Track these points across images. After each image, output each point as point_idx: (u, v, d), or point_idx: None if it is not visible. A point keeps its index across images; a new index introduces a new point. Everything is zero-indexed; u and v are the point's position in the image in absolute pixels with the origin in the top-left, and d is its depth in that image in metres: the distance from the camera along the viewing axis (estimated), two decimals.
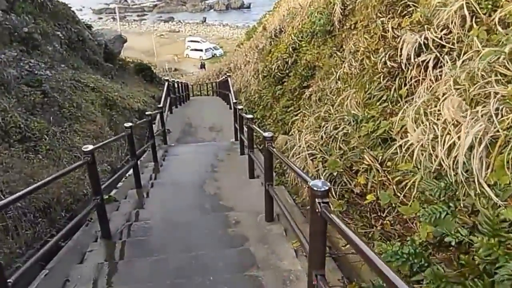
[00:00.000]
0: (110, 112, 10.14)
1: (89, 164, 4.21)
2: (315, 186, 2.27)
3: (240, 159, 8.18)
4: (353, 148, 4.70)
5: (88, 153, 4.14)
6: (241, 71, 17.10)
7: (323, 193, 2.24)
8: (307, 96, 7.61)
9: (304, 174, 2.74)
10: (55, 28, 12.38)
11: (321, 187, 2.25)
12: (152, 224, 4.89)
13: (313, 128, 5.74)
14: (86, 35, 14.38)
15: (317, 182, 2.30)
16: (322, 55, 8.35)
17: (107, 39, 16.25)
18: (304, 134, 5.70)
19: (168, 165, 8.26)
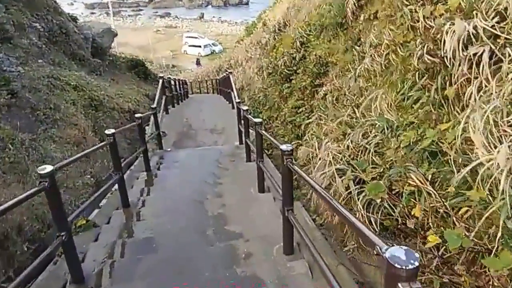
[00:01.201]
0: (95, 113, 9.17)
1: (47, 190, 3.29)
2: (395, 261, 1.37)
3: (246, 168, 7.29)
4: (390, 163, 3.83)
5: (45, 176, 3.23)
6: (243, 68, 16.20)
7: (411, 273, 1.35)
8: (321, 95, 6.74)
9: (372, 234, 1.73)
10: (32, 19, 11.28)
11: (406, 262, 1.36)
12: (142, 260, 3.97)
13: (336, 135, 4.86)
14: (70, 27, 13.32)
15: (396, 251, 1.41)
16: (335, 50, 7.47)
17: (95, 32, 15.23)
18: (325, 142, 4.81)
19: (163, 176, 7.34)
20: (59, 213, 3.53)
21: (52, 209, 3.51)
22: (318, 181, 4.21)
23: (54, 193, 3.43)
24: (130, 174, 7.49)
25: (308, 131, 6.41)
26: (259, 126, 5.55)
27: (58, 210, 3.52)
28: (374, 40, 5.60)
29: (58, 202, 3.51)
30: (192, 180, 6.86)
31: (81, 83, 9.80)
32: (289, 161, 3.47)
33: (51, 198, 3.43)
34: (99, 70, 14.32)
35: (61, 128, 7.78)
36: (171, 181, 7.01)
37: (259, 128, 5.54)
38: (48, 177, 3.28)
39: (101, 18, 63.04)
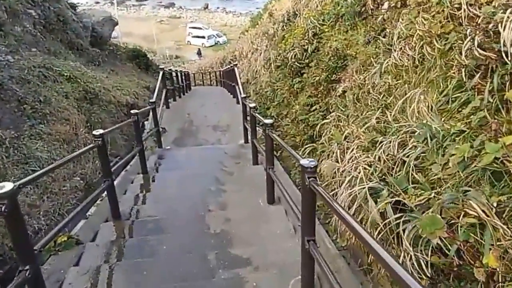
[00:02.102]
0: (90, 107, 8.44)
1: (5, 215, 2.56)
2: None
3: (253, 172, 6.55)
4: (438, 183, 3.07)
5: (3, 197, 2.48)
6: (248, 60, 15.38)
7: None
8: (340, 93, 5.95)
9: None
10: (28, 6, 10.55)
11: None
12: None
13: (363, 142, 4.09)
14: (68, 15, 12.57)
15: None
16: (353, 42, 6.68)
17: (94, 21, 14.46)
18: (350, 151, 4.05)
19: (161, 180, 6.59)
20: (22, 242, 2.80)
21: (13, 237, 2.78)
22: (343, 202, 3.46)
23: (15, 218, 2.69)
24: (125, 176, 6.78)
25: (324, 133, 5.64)
26: (269, 129, 4.80)
27: (20, 239, 2.79)
28: (404, 31, 4.81)
29: (21, 229, 2.77)
30: (193, 187, 6.11)
31: (76, 74, 9.05)
32: (312, 181, 2.72)
33: (11, 224, 2.69)
34: (98, 60, 13.59)
35: (50, 124, 7.09)
36: (169, 187, 6.27)
37: (269, 131, 4.78)
38: (8, 198, 2.54)
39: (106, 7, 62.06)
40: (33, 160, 5.96)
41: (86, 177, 6.67)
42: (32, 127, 6.68)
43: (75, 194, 6.20)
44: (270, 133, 4.75)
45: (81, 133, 7.56)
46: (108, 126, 8.63)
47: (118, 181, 6.45)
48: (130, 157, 6.89)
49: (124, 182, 6.49)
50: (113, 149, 8.28)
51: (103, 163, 4.89)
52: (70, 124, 7.51)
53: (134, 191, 6.10)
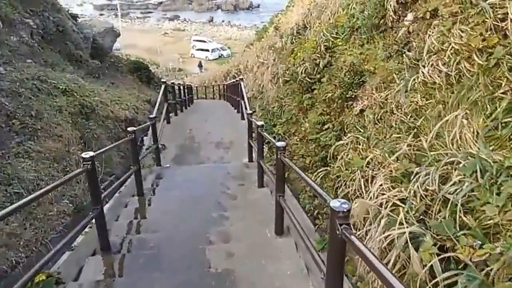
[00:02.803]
0: (86, 122, 7.87)
1: None
2: None
3: (259, 196, 5.98)
4: (495, 228, 2.49)
5: None
6: (253, 74, 14.86)
7: None
8: (357, 111, 5.39)
9: None
10: (25, 15, 10.09)
11: None
12: None
13: (392, 172, 3.50)
14: (68, 25, 12.12)
15: None
16: (371, 56, 6.14)
17: (96, 32, 14.02)
18: (377, 182, 3.47)
19: (157, 205, 6.01)
20: None
21: None
22: (374, 249, 2.87)
23: None
24: (118, 199, 6.20)
25: (340, 156, 5.06)
26: (281, 152, 4.22)
27: None
28: (435, 44, 4.26)
29: None
30: (193, 213, 5.53)
31: (72, 87, 8.50)
32: (345, 228, 2.14)
33: None
34: (98, 73, 13.08)
35: (40, 140, 6.54)
36: (167, 212, 5.67)
37: (281, 154, 4.21)
38: None
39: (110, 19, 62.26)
40: (17, 181, 5.39)
41: (75, 200, 6.09)
42: (20, 144, 6.14)
43: (62, 220, 5.61)
44: (282, 158, 4.17)
45: (74, 150, 7.00)
46: (105, 142, 8.11)
47: (110, 205, 5.92)
48: (125, 177, 6.30)
49: (117, 206, 5.92)
50: (108, 167, 7.73)
51: (92, 189, 4.33)
52: (63, 141, 6.96)
53: (128, 217, 5.51)
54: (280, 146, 4.25)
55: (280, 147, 4.24)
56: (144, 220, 5.43)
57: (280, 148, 4.23)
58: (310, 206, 5.40)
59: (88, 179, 4.31)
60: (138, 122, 10.20)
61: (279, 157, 4.20)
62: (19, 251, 4.44)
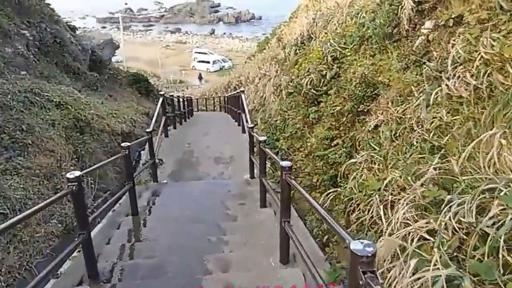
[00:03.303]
0: (80, 136, 7.44)
1: None
2: None
3: (261, 218, 5.50)
4: None
5: None
6: (255, 86, 14.44)
7: None
8: (371, 127, 4.92)
9: None
10: (22, 26, 9.81)
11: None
12: None
13: (416, 199, 3.02)
14: (67, 37, 11.81)
15: None
16: (384, 67, 5.71)
17: (94, 43, 13.68)
18: (401, 211, 2.99)
19: (152, 225, 5.54)
20: None
21: None
22: None
23: None
24: (111, 219, 5.73)
25: (352, 176, 4.59)
26: (286, 173, 3.75)
27: None
28: (462, 54, 3.81)
29: None
30: (190, 235, 5.06)
31: (67, 99, 8.10)
32: (369, 277, 1.67)
33: None
34: (96, 85, 12.72)
35: (31, 156, 6.15)
36: (162, 235, 5.18)
37: (287, 176, 3.73)
38: None
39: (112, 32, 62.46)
40: (2, 200, 4.93)
41: (65, 219, 5.61)
42: (9, 160, 5.73)
43: (50, 242, 5.14)
44: (287, 179, 3.70)
45: (66, 166, 6.55)
46: (100, 157, 7.69)
47: (103, 225, 5.44)
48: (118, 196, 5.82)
49: (109, 227, 5.45)
50: (103, 182, 7.29)
51: (78, 212, 3.87)
52: (55, 156, 6.53)
53: (120, 240, 5.03)
54: (285, 166, 3.78)
55: (285, 167, 3.78)
56: (138, 244, 4.94)
57: (285, 168, 3.77)
58: (318, 230, 4.92)
59: (73, 201, 3.86)
60: (136, 136, 9.78)
61: (285, 178, 3.73)
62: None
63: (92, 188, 6.59)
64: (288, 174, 3.72)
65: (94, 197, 6.65)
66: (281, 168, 3.82)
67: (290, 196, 3.91)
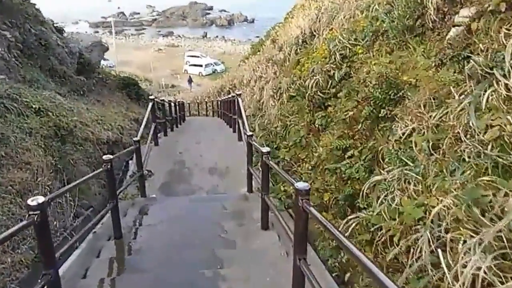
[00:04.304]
0: (61, 146, 6.63)
1: None
2: None
3: (264, 244, 4.66)
4: None
5: None
6: (250, 89, 13.56)
7: None
8: (398, 136, 4.06)
9: None
10: (3, 27, 9.04)
11: None
12: None
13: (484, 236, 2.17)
14: (53, 39, 11.01)
15: None
16: (408, 65, 4.88)
17: (82, 46, 12.80)
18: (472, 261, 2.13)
19: (137, 254, 4.64)
20: None
21: None
22: None
23: None
24: (91, 244, 4.89)
25: (377, 197, 3.74)
26: (304, 198, 2.88)
27: None
28: None
29: None
30: (181, 267, 4.20)
31: (47, 105, 7.27)
32: None
33: None
34: (83, 90, 11.86)
35: (3, 170, 5.42)
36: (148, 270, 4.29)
37: (304, 202, 2.86)
38: None
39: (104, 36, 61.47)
40: None
41: None
42: None
43: (18, 273, 4.29)
44: (306, 206, 2.83)
45: (44, 181, 5.70)
46: (83, 169, 6.88)
47: (80, 251, 4.60)
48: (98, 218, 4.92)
49: (88, 254, 4.60)
50: (85, 198, 6.44)
51: (42, 247, 3.01)
52: (31, 169, 5.72)
53: (99, 273, 4.15)
54: (302, 189, 2.91)
55: (301, 191, 2.90)
56: (119, 278, 4.05)
57: (301, 192, 2.90)
58: (335, 261, 4.07)
59: (36, 234, 3.00)
60: (123, 144, 8.93)
61: (302, 205, 2.86)
62: None
63: (71, 205, 5.72)
64: (306, 200, 2.85)
65: (74, 215, 5.80)
66: (296, 192, 2.95)
67: (307, 227, 3.04)
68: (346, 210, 4.57)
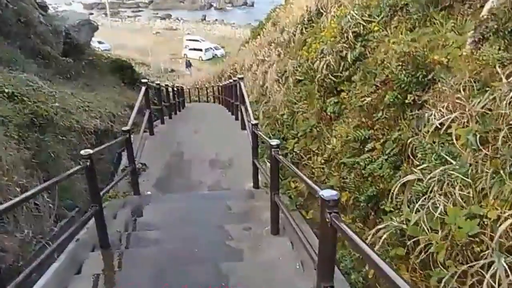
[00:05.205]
0: (40, 137, 5.93)
1: None
2: None
3: (276, 253, 4.05)
4: None
5: None
6: (253, 73, 12.87)
7: None
8: (433, 126, 3.43)
9: None
10: None
11: None
12: None
13: None
14: (34, 16, 10.14)
15: None
16: (435, 43, 4.24)
17: (69, 24, 11.98)
18: None
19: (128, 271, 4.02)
20: None
21: None
22: None
23: None
24: (72, 254, 4.24)
25: (411, 201, 3.13)
26: (331, 211, 2.27)
27: None
28: None
29: None
30: None
31: (23, 90, 6.52)
32: None
33: None
34: (70, 73, 11.06)
35: None
36: None
37: (333, 216, 2.25)
38: None
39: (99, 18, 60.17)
40: None
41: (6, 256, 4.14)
42: None
43: None
44: (335, 221, 2.22)
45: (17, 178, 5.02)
46: (66, 163, 6.16)
47: (58, 265, 3.96)
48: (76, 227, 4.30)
49: (67, 269, 3.95)
50: (68, 197, 5.77)
51: None
52: (2, 165, 5.00)
53: None
54: (329, 199, 2.29)
55: (329, 201, 2.29)
56: None
57: (329, 204, 2.28)
58: (358, 275, 3.48)
59: None
60: (114, 134, 8.22)
61: (330, 219, 2.25)
62: None
63: (51, 207, 5.09)
64: (334, 214, 2.24)
65: (56, 217, 5.17)
66: (321, 202, 2.34)
67: (335, 247, 2.43)
68: (369, 213, 3.98)
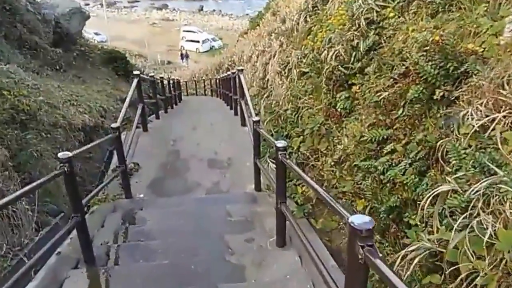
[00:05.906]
0: (21, 134, 5.42)
1: None
2: None
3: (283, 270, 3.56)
4: None
5: None
6: (252, 65, 12.29)
7: None
8: (472, 125, 2.90)
9: None
10: None
11: None
12: None
13: None
14: (21, 3, 9.67)
15: None
16: (465, 30, 3.70)
17: (59, 13, 11.40)
18: None
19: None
20: None
21: None
22: None
23: None
24: (52, 270, 3.71)
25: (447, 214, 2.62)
26: (365, 244, 1.75)
27: None
28: None
29: None
30: None
31: (3, 83, 6.01)
32: None
33: None
34: (60, 64, 10.55)
35: None
36: None
37: (366, 250, 1.73)
38: None
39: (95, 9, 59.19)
40: None
41: None
42: None
43: None
44: (370, 257, 1.70)
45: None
46: (50, 163, 5.64)
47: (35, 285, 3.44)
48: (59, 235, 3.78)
49: None
50: (53, 201, 5.27)
51: None
52: None
53: None
54: (361, 228, 1.77)
55: (360, 230, 1.77)
56: None
57: (361, 234, 1.76)
58: None
59: None
60: (106, 130, 7.68)
61: (363, 255, 1.74)
62: None
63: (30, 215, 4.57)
64: (368, 248, 1.73)
65: (37, 225, 4.66)
66: (352, 232, 1.83)
67: None
68: (389, 225, 3.47)
